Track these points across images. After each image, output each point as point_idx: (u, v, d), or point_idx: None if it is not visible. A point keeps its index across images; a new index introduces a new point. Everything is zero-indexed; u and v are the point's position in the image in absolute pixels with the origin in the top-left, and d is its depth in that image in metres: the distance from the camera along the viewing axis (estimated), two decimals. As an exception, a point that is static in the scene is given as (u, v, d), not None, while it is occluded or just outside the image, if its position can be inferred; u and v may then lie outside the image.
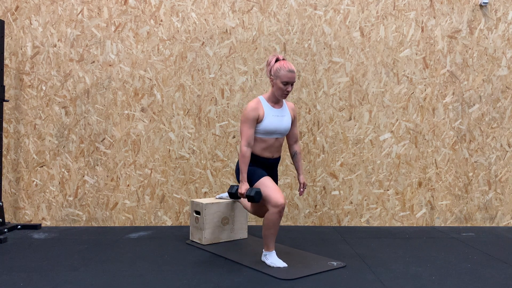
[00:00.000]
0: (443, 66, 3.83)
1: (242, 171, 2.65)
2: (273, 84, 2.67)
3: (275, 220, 2.57)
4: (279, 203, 2.53)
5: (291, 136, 2.88)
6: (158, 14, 3.76)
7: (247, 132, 2.64)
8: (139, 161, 3.79)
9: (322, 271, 2.59)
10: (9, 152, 3.78)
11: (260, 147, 2.71)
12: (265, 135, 2.69)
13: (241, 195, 2.63)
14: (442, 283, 2.40)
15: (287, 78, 2.61)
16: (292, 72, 2.61)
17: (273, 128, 2.68)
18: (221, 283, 2.37)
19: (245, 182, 2.64)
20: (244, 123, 2.65)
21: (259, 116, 2.65)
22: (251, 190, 2.58)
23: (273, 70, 2.65)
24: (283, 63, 2.63)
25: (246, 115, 2.64)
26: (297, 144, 2.91)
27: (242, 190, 2.62)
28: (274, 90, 2.68)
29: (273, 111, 2.70)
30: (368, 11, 3.79)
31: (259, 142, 2.70)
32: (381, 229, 3.73)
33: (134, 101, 3.78)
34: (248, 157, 2.63)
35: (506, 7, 3.82)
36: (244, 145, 2.64)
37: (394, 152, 3.84)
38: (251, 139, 2.65)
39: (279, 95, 2.67)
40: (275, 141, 2.73)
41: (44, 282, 2.39)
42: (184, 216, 3.82)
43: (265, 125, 2.66)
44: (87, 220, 3.80)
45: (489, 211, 3.88)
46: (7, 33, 3.74)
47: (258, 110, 2.65)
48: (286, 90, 2.65)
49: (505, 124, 3.86)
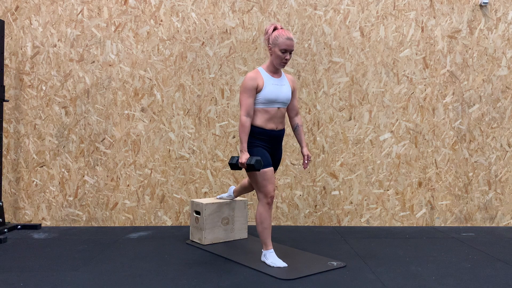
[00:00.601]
0: (443, 66, 3.83)
1: (242, 140, 2.64)
2: (272, 53, 2.66)
3: (265, 212, 2.62)
4: (270, 195, 2.62)
5: (291, 108, 2.88)
6: (158, 14, 3.76)
7: (246, 101, 2.63)
8: (139, 161, 3.79)
9: (322, 271, 2.59)
10: (9, 152, 3.78)
11: (263, 118, 2.69)
12: (266, 105, 2.68)
13: (241, 165, 2.63)
14: (442, 283, 2.40)
15: (285, 45, 2.60)
16: (290, 39, 2.61)
17: (274, 96, 2.67)
18: (221, 283, 2.37)
19: (245, 152, 2.63)
20: (243, 93, 2.64)
21: (258, 85, 2.64)
22: (251, 159, 2.58)
23: (271, 38, 2.64)
24: (281, 31, 2.63)
25: (245, 85, 2.63)
26: (298, 117, 2.92)
27: (242, 159, 2.61)
28: (273, 58, 2.67)
29: (273, 80, 2.70)
30: (368, 11, 3.79)
31: (262, 113, 2.69)
32: (381, 229, 3.73)
33: (134, 101, 3.78)
34: (248, 127, 2.63)
35: (506, 7, 3.82)
36: (243, 115, 2.63)
37: (394, 152, 3.84)
38: (250, 109, 2.64)
39: (278, 63, 2.67)
40: (277, 111, 2.72)
41: (44, 282, 2.39)
42: (184, 216, 3.82)
43: (265, 94, 2.65)
44: (87, 220, 3.80)
45: (489, 211, 3.88)
46: (7, 33, 3.74)
47: (257, 79, 2.64)
48: (284, 58, 2.64)
49: (505, 124, 3.86)
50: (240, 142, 2.66)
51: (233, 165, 2.74)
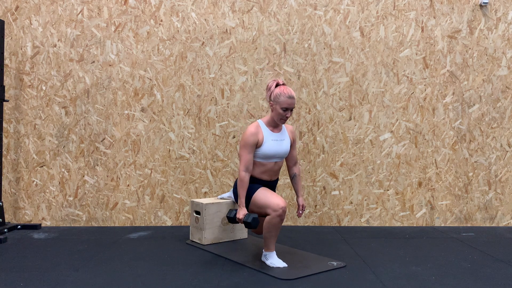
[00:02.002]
0: (443, 66, 3.83)
1: (240, 196, 2.66)
2: (273, 109, 2.69)
3: (276, 223, 2.58)
4: (279, 207, 2.53)
5: (290, 158, 2.91)
6: (158, 14, 3.76)
7: (246, 157, 2.66)
8: (139, 161, 3.79)
9: (322, 271, 2.59)
10: (9, 152, 3.78)
11: (259, 170, 2.74)
12: (264, 159, 2.72)
13: (239, 220, 2.65)
14: (442, 283, 2.40)
15: (287, 104, 2.63)
16: (292, 98, 2.63)
17: (273, 152, 2.70)
18: (221, 283, 2.37)
19: (243, 207, 2.65)
20: (243, 148, 2.66)
21: (258, 141, 2.66)
22: (248, 216, 2.60)
23: (273, 95, 2.66)
24: (283, 88, 2.64)
25: (245, 140, 2.65)
26: (296, 166, 2.93)
27: (240, 215, 2.64)
28: (274, 115, 2.70)
29: (272, 136, 2.72)
30: (368, 11, 3.79)
31: (258, 166, 2.73)
32: (381, 229, 3.73)
33: (134, 101, 3.78)
34: (246, 182, 2.65)
35: (506, 7, 3.82)
36: (242, 170, 2.65)
37: (394, 152, 3.84)
38: (250, 164, 2.66)
39: (278, 120, 2.69)
40: (274, 165, 2.76)
41: (44, 282, 2.39)
42: (184, 216, 3.82)
43: (264, 150, 2.68)
44: (87, 220, 3.80)
45: (489, 211, 3.88)
46: (7, 33, 3.74)
47: (257, 135, 2.67)
48: (285, 116, 2.66)
49: (505, 124, 3.86)
50: (238, 197, 2.68)
51: (230, 218, 2.77)
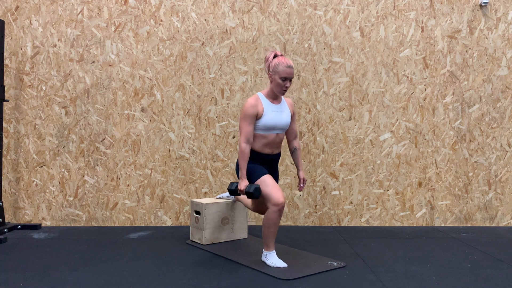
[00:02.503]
0: (443, 66, 3.83)
1: (241, 167, 2.65)
2: (272, 80, 2.67)
3: (275, 219, 2.58)
4: (279, 202, 2.53)
5: (290, 132, 2.89)
6: (158, 14, 3.76)
7: (246, 128, 2.64)
8: (139, 161, 3.79)
9: (322, 271, 2.59)
10: (9, 152, 3.78)
11: (261, 143, 2.72)
12: (265, 131, 2.70)
13: (240, 192, 2.64)
14: (442, 283, 2.40)
15: (285, 73, 2.61)
16: (290, 67, 2.62)
17: (273, 123, 2.69)
18: (221, 283, 2.37)
19: (244, 179, 2.65)
20: (243, 119, 2.65)
21: (258, 112, 2.65)
22: (250, 186, 2.59)
23: (272, 66, 2.65)
24: (282, 59, 2.64)
25: (245, 112, 2.64)
26: (296, 140, 2.92)
27: (241, 186, 2.63)
28: (273, 86, 2.68)
29: (272, 107, 2.71)
30: (368, 11, 3.79)
31: (259, 138, 2.71)
32: (381, 229, 3.73)
33: (134, 101, 3.78)
34: (247, 154, 2.64)
35: (506, 7, 3.82)
36: (243, 142, 2.64)
37: (394, 152, 3.84)
38: (250, 135, 2.65)
39: (278, 91, 2.68)
40: (275, 137, 2.74)
41: (44, 282, 2.39)
42: (184, 216, 3.82)
43: (264, 121, 2.66)
44: (87, 220, 3.80)
45: (489, 211, 3.88)
46: (7, 33, 3.74)
47: (257, 106, 2.65)
48: (284, 86, 2.65)
49: (505, 124, 3.86)
50: (239, 169, 2.67)
51: (232, 191, 2.75)
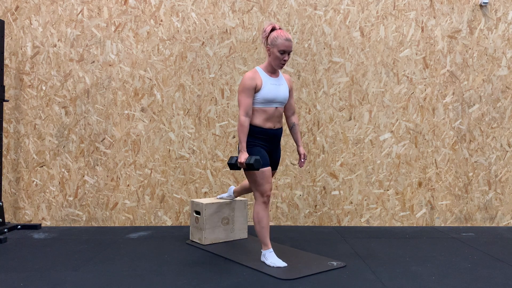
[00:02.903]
0: (443, 66, 3.83)
1: (241, 140, 2.65)
2: (270, 54, 2.66)
3: (262, 211, 2.64)
4: (267, 194, 2.65)
5: (288, 107, 2.90)
6: (158, 14, 3.76)
7: (245, 101, 2.64)
8: (139, 161, 3.79)
9: (322, 271, 2.59)
10: (9, 152, 3.78)
11: (261, 117, 2.71)
12: (264, 105, 2.69)
13: (240, 165, 2.63)
14: (442, 283, 2.40)
15: (284, 46, 2.60)
16: (289, 40, 2.61)
17: (272, 96, 2.69)
18: (221, 283, 2.37)
19: (244, 151, 2.64)
20: (241, 92, 2.65)
21: (256, 85, 2.64)
22: (250, 158, 2.59)
23: (270, 39, 2.64)
24: (280, 32, 2.63)
25: (244, 85, 2.63)
26: (294, 116, 2.93)
27: (241, 159, 2.61)
28: (271, 59, 2.68)
29: (271, 80, 2.71)
30: (368, 11, 3.79)
31: (260, 112, 2.70)
32: (381, 229, 3.73)
33: (134, 101, 3.78)
34: (246, 127, 2.64)
35: (506, 7, 3.82)
36: (242, 115, 2.64)
37: (394, 152, 3.84)
38: (249, 108, 2.65)
39: (276, 64, 2.67)
40: (275, 111, 2.73)
41: (44, 282, 2.39)
42: (184, 216, 3.82)
43: (263, 94, 2.66)
44: (87, 220, 3.80)
45: (489, 211, 3.88)
46: (7, 33, 3.74)
47: (255, 79, 2.64)
48: (283, 59, 2.64)
49: (505, 124, 3.86)
50: (239, 142, 2.67)
51: (232, 165, 2.74)
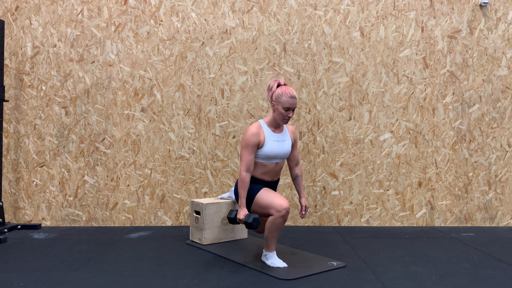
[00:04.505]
0: (443, 66, 3.83)
1: (240, 196, 2.65)
2: (274, 109, 2.68)
3: (279, 224, 2.57)
4: (283, 207, 2.53)
5: (291, 159, 2.89)
6: (158, 14, 3.76)
7: (247, 157, 2.64)
8: (139, 161, 3.79)
9: (322, 271, 2.59)
10: (9, 152, 3.78)
11: (260, 171, 2.73)
12: (265, 160, 2.71)
13: (239, 221, 2.64)
14: (442, 283, 2.40)
15: (288, 104, 2.62)
16: (293, 98, 2.62)
17: (274, 153, 2.69)
18: (221, 283, 2.37)
19: (243, 207, 2.64)
20: (244, 148, 2.65)
21: (260, 141, 2.65)
22: (249, 216, 2.58)
23: (275, 95, 2.66)
24: (285, 88, 2.64)
25: (247, 141, 2.64)
26: (298, 167, 2.91)
27: (240, 215, 2.62)
28: (275, 115, 2.69)
29: (274, 136, 2.71)
30: (368, 11, 3.79)
31: (259, 166, 2.72)
32: (381, 229, 3.73)
33: (134, 101, 3.78)
34: (247, 183, 2.64)
35: (506, 7, 3.82)
36: (243, 171, 2.64)
37: (394, 152, 3.84)
38: (251, 164, 2.65)
39: (280, 120, 2.68)
40: (275, 166, 2.76)
41: (44, 282, 2.39)
42: (184, 216, 3.82)
43: (265, 151, 2.67)
44: (87, 220, 3.80)
45: (489, 211, 3.88)
46: (7, 33, 3.74)
47: (259, 135, 2.66)
48: (287, 116, 2.65)
49: (505, 124, 3.86)
50: (239, 197, 2.67)
51: (231, 219, 2.75)
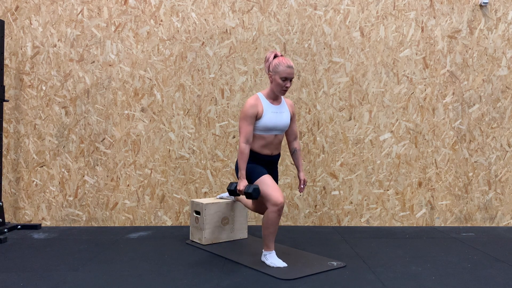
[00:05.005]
0: (443, 66, 3.83)
1: (240, 168, 2.66)
2: (272, 80, 2.68)
3: (274, 219, 2.58)
4: (278, 202, 2.54)
5: (290, 133, 2.89)
6: (158, 14, 3.76)
7: (246, 129, 2.64)
8: (139, 161, 3.79)
9: (322, 271, 2.59)
10: (9, 152, 3.78)
11: (260, 144, 2.72)
12: (264, 132, 2.70)
13: (239, 192, 2.65)
14: (442, 283, 2.40)
15: (286, 73, 2.62)
16: (291, 67, 2.63)
17: (272, 124, 2.69)
18: (221, 283, 2.37)
19: (243, 179, 2.65)
20: (243, 120, 2.65)
21: (258, 112, 2.65)
22: (249, 187, 2.59)
23: (272, 66, 2.65)
24: (282, 59, 2.64)
25: (245, 112, 2.64)
26: (296, 141, 2.92)
27: (240, 187, 2.63)
28: (273, 86, 2.69)
29: (272, 108, 2.71)
30: (368, 11, 3.79)
31: (258, 139, 2.71)
32: (381, 229, 3.73)
33: (134, 101, 3.78)
34: (246, 154, 2.64)
35: (506, 7, 3.82)
36: (242, 142, 2.64)
37: (394, 152, 3.84)
38: (250, 136, 2.65)
39: (278, 91, 2.68)
40: (274, 138, 2.74)
41: (44, 282, 2.39)
42: (184, 216, 3.82)
43: (264, 122, 2.67)
44: (87, 220, 3.80)
45: (489, 211, 3.88)
46: (7, 33, 3.74)
47: (257, 106, 2.65)
48: (285, 86, 2.65)
49: (505, 124, 3.86)
50: (238, 169, 2.67)
51: (231, 191, 2.76)
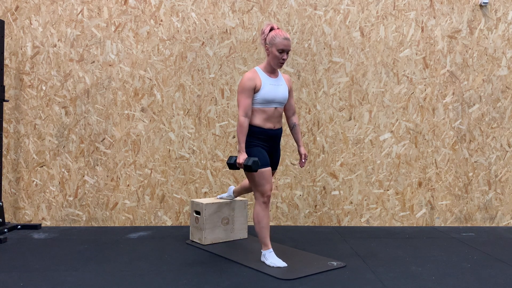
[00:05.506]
0: (443, 66, 3.83)
1: (240, 141, 2.66)
2: (269, 53, 2.68)
3: (262, 212, 2.65)
4: (267, 194, 2.65)
5: (288, 108, 2.91)
6: (158, 14, 3.76)
7: (244, 102, 2.65)
8: (139, 161, 3.79)
9: (322, 271, 2.59)
10: (9, 152, 3.78)
11: (261, 118, 2.72)
12: (264, 105, 2.70)
13: (239, 165, 2.65)
14: (442, 283, 2.40)
15: (282, 45, 2.62)
16: (287, 39, 2.63)
17: (271, 96, 2.70)
18: (221, 283, 2.37)
19: (243, 152, 2.65)
20: (241, 93, 2.66)
21: (256, 85, 2.66)
22: (248, 159, 2.60)
23: (268, 38, 2.66)
24: (278, 31, 2.65)
25: (243, 85, 2.64)
26: (295, 116, 2.95)
27: (240, 160, 2.63)
28: (270, 59, 2.69)
29: (270, 80, 2.72)
30: (368, 11, 3.79)
31: (259, 113, 2.71)
32: (381, 229, 3.73)
33: (134, 101, 3.78)
34: (245, 127, 2.65)
35: (506, 7, 3.82)
36: (241, 115, 2.65)
37: (394, 152, 3.84)
38: (248, 109, 2.66)
39: (275, 64, 2.69)
40: (274, 111, 2.75)
41: (44, 282, 2.39)
42: (184, 216, 3.82)
43: (263, 94, 2.67)
44: (87, 220, 3.80)
45: (489, 211, 3.88)
46: (7, 33, 3.74)
47: (255, 79, 2.66)
48: (282, 58, 2.65)
49: (505, 124, 3.86)
50: (238, 142, 2.68)
51: (231, 165, 2.76)
